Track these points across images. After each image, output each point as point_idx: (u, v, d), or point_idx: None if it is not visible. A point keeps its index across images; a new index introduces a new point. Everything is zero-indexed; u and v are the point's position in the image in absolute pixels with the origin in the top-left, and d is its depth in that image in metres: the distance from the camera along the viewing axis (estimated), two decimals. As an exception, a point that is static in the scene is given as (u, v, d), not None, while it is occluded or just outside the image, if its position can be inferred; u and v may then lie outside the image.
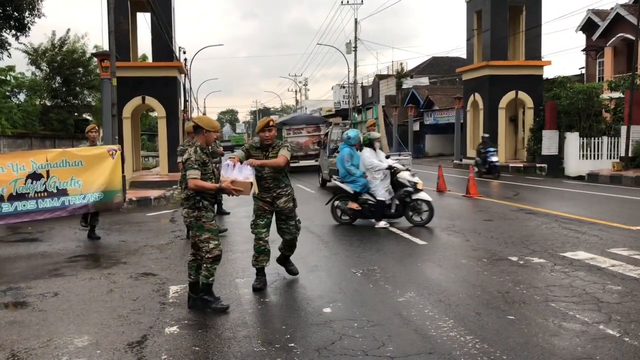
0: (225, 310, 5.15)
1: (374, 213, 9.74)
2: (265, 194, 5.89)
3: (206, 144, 5.25)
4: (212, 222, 5.18)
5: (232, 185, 5.14)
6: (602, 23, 28.73)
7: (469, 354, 3.99)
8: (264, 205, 5.93)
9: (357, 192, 9.76)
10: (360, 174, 9.78)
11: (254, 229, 5.96)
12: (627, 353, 3.95)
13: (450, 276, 6.28)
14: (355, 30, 45.06)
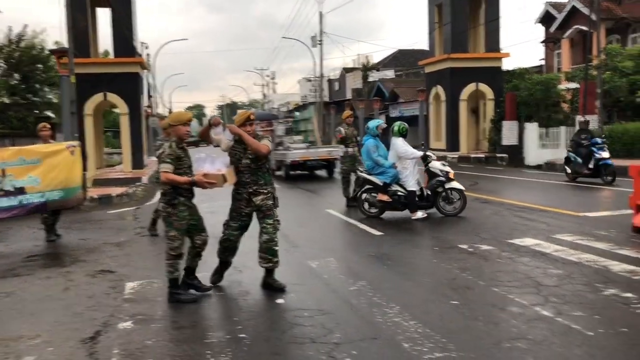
0: (195, 300, 5.32)
1: (405, 205, 9.51)
2: (241, 189, 5.55)
3: (179, 138, 5.38)
4: (182, 222, 5.31)
5: (204, 178, 5.22)
6: (559, 15, 29.52)
7: (410, 338, 4.19)
8: (240, 205, 5.58)
9: (387, 183, 9.48)
10: (390, 165, 9.51)
11: (225, 230, 5.71)
12: (558, 332, 4.20)
13: (402, 265, 6.50)
14: (321, 24, 45.12)
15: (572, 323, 4.34)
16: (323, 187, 15.90)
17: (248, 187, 5.54)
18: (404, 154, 9.45)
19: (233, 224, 5.66)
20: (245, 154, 5.49)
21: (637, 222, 7.57)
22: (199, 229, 5.53)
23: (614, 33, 28.36)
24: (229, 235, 5.68)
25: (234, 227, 5.66)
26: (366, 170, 9.85)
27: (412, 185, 9.42)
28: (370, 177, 9.68)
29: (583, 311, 4.61)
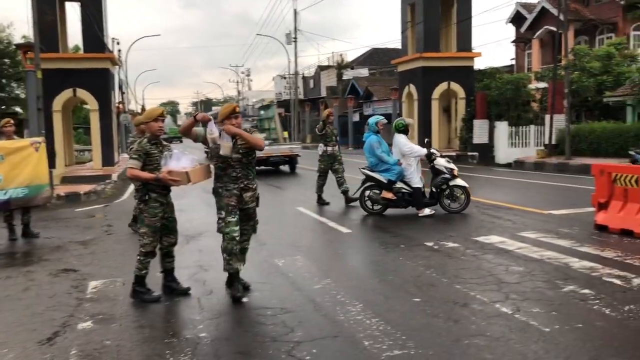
0: (157, 300, 5.27)
1: (410, 202, 9.44)
2: (233, 185, 5.21)
3: (152, 134, 5.37)
4: (153, 219, 5.28)
5: (168, 175, 5.15)
6: (530, 16, 29.97)
7: (371, 336, 4.21)
8: (230, 200, 5.19)
9: (392, 180, 9.36)
10: (395, 162, 9.40)
11: (227, 227, 5.17)
12: (515, 328, 4.26)
13: (368, 262, 6.53)
14: (295, 21, 45.06)
15: (530, 319, 4.42)
16: (294, 184, 15.89)
17: (240, 182, 5.23)
18: (409, 152, 9.34)
19: (232, 218, 5.18)
20: (235, 147, 5.16)
21: (599, 220, 7.73)
22: (169, 230, 5.45)
23: (582, 34, 28.91)
24: (232, 233, 5.17)
25: (234, 223, 5.19)
26: (369, 167, 9.70)
27: (418, 182, 9.35)
28: (374, 174, 9.54)
29: (541, 308, 4.69)
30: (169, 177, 5.17)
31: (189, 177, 5.19)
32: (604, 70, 23.19)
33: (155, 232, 5.32)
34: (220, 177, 5.25)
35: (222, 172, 5.23)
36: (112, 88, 22.01)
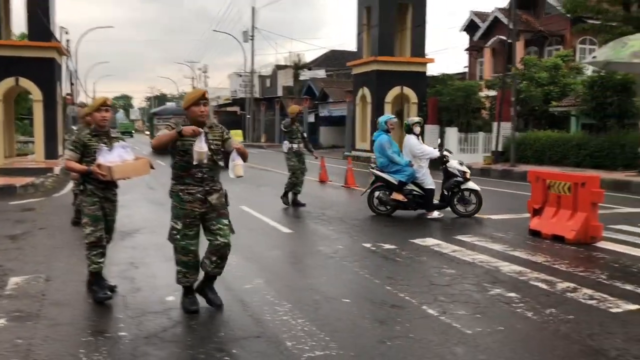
0: (104, 300, 4.97)
1: (420, 204, 9.23)
2: (196, 187, 4.61)
3: (96, 125, 5.15)
4: (92, 207, 5.06)
5: (97, 168, 4.93)
6: (483, 25, 30.64)
7: (295, 337, 4.16)
8: (193, 207, 4.60)
9: (403, 182, 9.11)
10: (406, 163, 9.15)
11: (182, 240, 4.63)
12: (438, 330, 4.29)
13: (304, 263, 6.49)
14: (253, 19, 44.83)
15: (453, 322, 4.45)
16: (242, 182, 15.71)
17: (205, 185, 4.64)
18: (420, 153, 9.12)
19: (190, 231, 4.63)
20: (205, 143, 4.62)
21: (533, 225, 7.92)
22: (109, 230, 5.24)
23: (532, 45, 29.74)
24: (188, 246, 4.64)
25: (192, 236, 4.65)
26: (378, 167, 9.44)
27: (431, 183, 9.13)
28: (384, 175, 9.28)
29: (467, 310, 4.74)
30: (97, 170, 4.95)
31: (112, 173, 4.93)
32: (551, 81, 23.90)
33: (96, 222, 5.06)
34: (181, 178, 4.62)
35: (183, 173, 4.60)
36: (58, 79, 21.28)
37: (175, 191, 4.66)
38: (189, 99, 4.59)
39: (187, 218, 4.62)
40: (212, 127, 4.73)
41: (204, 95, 4.60)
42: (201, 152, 4.43)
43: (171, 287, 5.39)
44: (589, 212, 7.24)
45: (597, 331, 4.26)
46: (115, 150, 5.11)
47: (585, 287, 5.36)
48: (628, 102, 17.19)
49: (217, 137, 4.71)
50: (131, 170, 5.19)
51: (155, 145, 4.54)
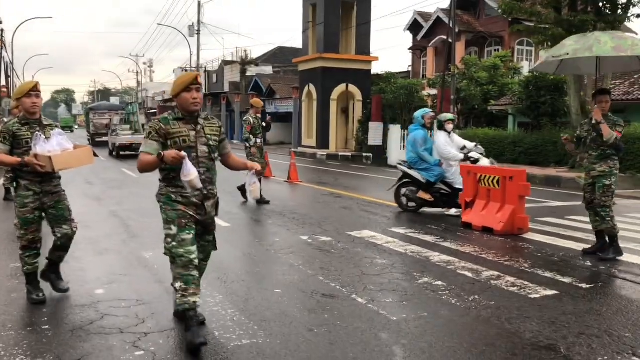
0: (37, 302, 4.69)
1: (446, 202, 9.02)
2: (186, 189, 3.83)
3: (26, 112, 4.72)
4: (23, 210, 4.64)
5: (34, 159, 4.52)
6: (426, 25, 31.28)
7: (223, 327, 4.18)
8: (187, 210, 3.86)
9: (431, 182, 8.87)
10: (436, 162, 8.88)
11: (180, 247, 3.79)
12: (365, 317, 4.40)
13: (239, 256, 6.49)
14: (199, 14, 44.19)
15: (380, 309, 4.58)
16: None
17: (202, 188, 3.89)
18: (444, 155, 8.85)
19: (186, 235, 3.82)
20: (202, 138, 3.89)
21: (464, 218, 8.20)
22: (58, 219, 4.79)
23: (473, 45, 30.61)
24: (187, 255, 3.79)
25: (190, 241, 3.83)
26: (407, 163, 9.18)
27: (460, 183, 8.76)
28: (412, 172, 9.03)
29: (394, 298, 4.88)
30: (34, 161, 4.51)
31: (52, 163, 4.53)
32: (490, 81, 24.71)
33: (26, 225, 4.69)
34: (173, 179, 3.85)
35: (175, 173, 3.81)
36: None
37: (165, 193, 3.89)
38: (177, 85, 3.85)
39: (182, 219, 3.84)
40: (208, 119, 4.03)
41: (196, 79, 3.84)
42: (191, 179, 3.67)
43: (101, 281, 5.32)
44: (517, 204, 7.55)
45: (515, 315, 4.47)
46: (53, 139, 4.68)
47: (509, 275, 5.60)
48: (560, 101, 17.96)
49: (214, 131, 4.00)
50: (74, 159, 4.79)
51: (141, 170, 3.82)
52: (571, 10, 15.38)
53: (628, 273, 5.83)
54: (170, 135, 3.81)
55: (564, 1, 15.56)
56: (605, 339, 4.00)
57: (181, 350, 3.78)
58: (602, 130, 6.14)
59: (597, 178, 6.37)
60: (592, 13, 15.24)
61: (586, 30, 15.00)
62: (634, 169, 15.37)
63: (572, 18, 14.94)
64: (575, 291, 5.14)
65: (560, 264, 6.15)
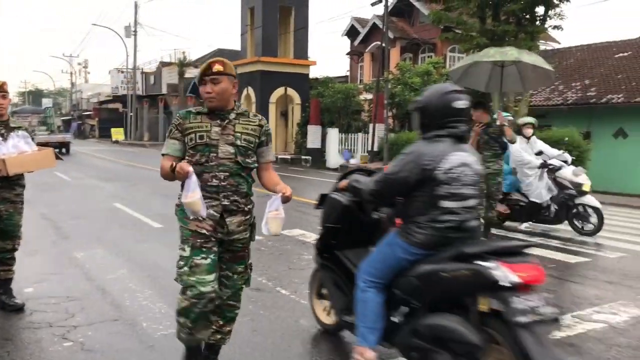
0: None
1: (522, 215, 8.36)
2: (209, 201, 3.06)
3: None
4: None
5: None
6: (363, 30, 32.02)
7: (151, 318, 4.40)
8: (200, 226, 3.06)
9: (505, 192, 8.09)
10: (508, 170, 8.17)
11: (191, 275, 3.01)
12: (287, 307, 4.73)
13: (169, 254, 6.61)
14: (135, 14, 43.47)
15: (302, 299, 4.92)
16: (113, 180, 15.41)
17: (222, 198, 3.10)
18: (517, 160, 8.22)
19: (200, 259, 3.02)
20: (228, 136, 3.09)
21: (390, 216, 8.66)
22: (5, 234, 4.52)
23: (407, 52, 31.57)
24: (199, 285, 2.98)
25: (205, 267, 3.02)
26: None
27: (536, 195, 8.14)
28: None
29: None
30: None
31: (6, 166, 4.29)
32: (424, 86, 25.63)
33: None
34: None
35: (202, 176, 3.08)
36: None
37: (180, 205, 3.11)
38: (197, 76, 3.15)
39: (197, 238, 3.06)
40: (245, 115, 3.19)
41: (210, 68, 3.05)
42: (190, 201, 2.95)
43: (30, 280, 5.40)
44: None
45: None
46: (10, 140, 4.44)
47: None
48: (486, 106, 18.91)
49: (249, 130, 3.16)
50: (30, 162, 4.51)
51: (162, 174, 3.15)
52: (494, 20, 16.28)
53: (530, 263, 6.42)
54: (187, 130, 3.10)
55: (488, 12, 16.45)
56: (499, 319, 4.49)
57: (109, 340, 3.98)
58: (506, 132, 6.80)
59: (492, 175, 7.11)
60: (513, 24, 16.19)
61: (508, 39, 15.96)
62: (552, 170, 16.44)
63: (495, 28, 15.83)
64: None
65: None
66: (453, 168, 2.95)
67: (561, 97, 19.90)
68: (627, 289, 5.50)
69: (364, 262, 3.32)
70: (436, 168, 2.93)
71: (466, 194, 2.99)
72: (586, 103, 18.64)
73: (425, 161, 2.95)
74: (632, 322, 4.51)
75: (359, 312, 3.25)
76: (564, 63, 23.30)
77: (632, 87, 18.27)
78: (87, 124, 62.47)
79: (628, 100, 17.50)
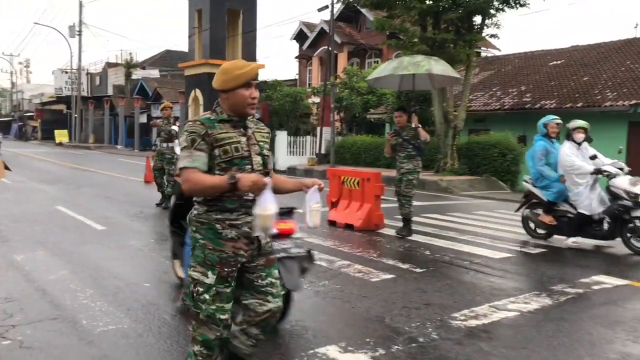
0: None
1: (569, 229, 7.64)
2: (244, 216, 2.83)
3: None
4: None
5: None
6: (311, 35, 32.45)
7: (91, 316, 4.54)
8: (237, 249, 2.83)
9: (550, 201, 7.70)
10: (556, 178, 7.62)
11: (211, 304, 2.80)
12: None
13: (113, 256, 6.77)
14: (80, 13, 42.48)
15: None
16: (56, 183, 15.17)
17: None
18: (567, 166, 7.45)
19: (224, 288, 2.83)
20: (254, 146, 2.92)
21: (330, 216, 9.00)
22: None
23: (355, 56, 32.20)
24: (219, 313, 2.82)
25: (227, 296, 2.85)
26: (531, 180, 8.09)
27: (585, 206, 7.41)
28: (535, 190, 7.95)
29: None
30: None
31: None
32: (370, 91, 26.21)
33: None
34: (219, 200, 2.82)
35: (224, 193, 2.79)
36: None
37: (208, 222, 2.82)
38: (232, 77, 2.83)
39: (225, 266, 2.82)
40: (256, 122, 3.05)
41: (255, 71, 2.87)
42: (268, 215, 2.72)
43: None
44: (373, 203, 8.47)
45: (355, 296, 5.24)
46: None
47: (358, 264, 6.41)
48: (428, 111, 19.59)
49: (265, 138, 3.02)
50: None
51: (193, 193, 2.80)
52: (435, 28, 16.92)
53: (457, 259, 6.87)
54: (219, 142, 2.80)
55: (429, 20, 17.08)
56: (422, 310, 4.86)
57: (48, 337, 4.11)
58: (420, 133, 7.55)
59: (404, 174, 7.67)
60: (452, 32, 16.88)
61: (447, 47, 16.63)
62: (489, 172, 17.23)
63: (435, 36, 16.47)
64: (409, 275, 6.04)
65: (404, 253, 7.09)
66: None
67: (499, 102, 20.82)
68: (542, 281, 5.98)
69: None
70: None
71: None
72: (522, 108, 19.60)
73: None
74: (541, 310, 4.95)
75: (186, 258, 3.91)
76: (502, 70, 24.34)
77: (563, 93, 19.33)
78: (28, 126, 60.46)
79: (559, 106, 18.51)
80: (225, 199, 2.80)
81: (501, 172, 17.20)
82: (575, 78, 20.22)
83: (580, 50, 23.05)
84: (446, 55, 16.09)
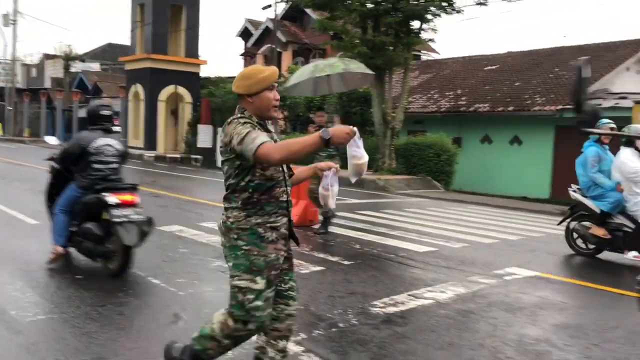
0: None
1: (626, 243, 6.98)
2: (281, 218, 2.91)
3: None
4: None
5: None
6: (256, 32, 32.49)
7: (20, 307, 4.59)
8: (279, 251, 2.89)
9: (605, 212, 7.06)
10: (612, 186, 7.02)
11: (263, 311, 2.84)
12: (156, 294, 5.11)
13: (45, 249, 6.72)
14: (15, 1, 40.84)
15: (170, 287, 5.31)
16: None
17: (289, 213, 2.98)
18: (628, 172, 6.82)
19: (271, 292, 2.87)
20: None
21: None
22: None
23: (299, 55, 32.46)
24: (266, 318, 2.88)
25: (271, 300, 2.92)
26: (580, 190, 7.44)
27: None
28: (585, 201, 7.27)
29: (186, 278, 5.64)
30: None
31: None
32: (313, 89, 26.55)
33: None
34: (258, 204, 2.85)
35: (263, 196, 2.85)
36: None
37: (249, 227, 2.83)
38: (257, 80, 2.84)
39: (272, 269, 2.84)
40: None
41: (277, 76, 2.92)
42: (364, 162, 3.12)
43: None
44: (308, 200, 8.74)
45: (284, 286, 5.49)
46: None
47: (289, 257, 6.66)
48: (368, 112, 20.10)
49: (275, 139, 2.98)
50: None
51: (287, 157, 2.60)
52: (375, 31, 17.40)
53: (385, 252, 7.25)
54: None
55: (369, 23, 17.54)
56: (346, 299, 5.17)
57: (-24, 327, 4.16)
58: None
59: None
60: (391, 35, 17.40)
61: (386, 49, 17.14)
62: (425, 172, 17.87)
63: (374, 38, 16.94)
64: (337, 267, 6.35)
65: (334, 247, 7.42)
66: (99, 146, 5.56)
67: (436, 105, 21.58)
68: (460, 272, 6.42)
69: (59, 199, 5.84)
70: (88, 145, 5.52)
71: (109, 160, 5.65)
72: (457, 111, 20.40)
73: (83, 142, 5.57)
74: (455, 298, 5.36)
75: (55, 226, 5.86)
76: (440, 73, 25.20)
77: (496, 97, 20.24)
78: (-43, 117, 57.58)
79: (492, 109, 19.40)
80: (263, 201, 2.82)
81: (436, 172, 17.86)
82: (508, 83, 21.20)
83: (514, 56, 24.16)
84: (385, 58, 16.61)
